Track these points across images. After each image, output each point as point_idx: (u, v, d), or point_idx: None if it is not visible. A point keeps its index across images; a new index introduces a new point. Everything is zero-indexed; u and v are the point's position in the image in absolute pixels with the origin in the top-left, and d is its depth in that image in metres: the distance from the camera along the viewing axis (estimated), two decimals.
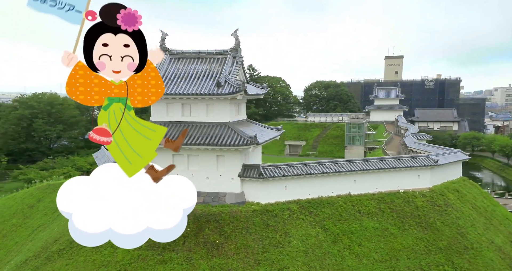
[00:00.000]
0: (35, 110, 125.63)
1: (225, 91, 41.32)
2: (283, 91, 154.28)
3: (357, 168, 46.01)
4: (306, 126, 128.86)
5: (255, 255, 38.50)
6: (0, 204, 62.68)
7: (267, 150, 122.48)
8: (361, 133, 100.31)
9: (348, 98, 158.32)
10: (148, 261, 38.55)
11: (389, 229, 43.81)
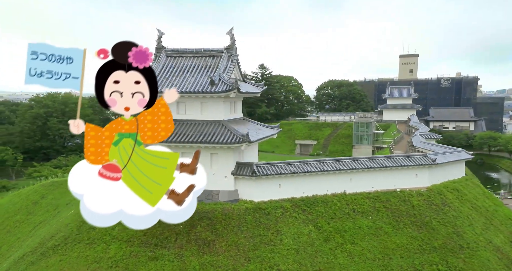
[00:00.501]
0: (50, 109, 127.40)
1: (218, 89, 41.53)
2: (295, 90, 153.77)
3: (352, 166, 45.93)
4: (317, 126, 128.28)
5: (245, 253, 38.69)
6: (7, 200, 63.77)
7: (278, 149, 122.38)
8: (369, 133, 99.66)
9: (361, 98, 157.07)
10: (140, 258, 38.96)
11: (383, 228, 43.67)
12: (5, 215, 58.83)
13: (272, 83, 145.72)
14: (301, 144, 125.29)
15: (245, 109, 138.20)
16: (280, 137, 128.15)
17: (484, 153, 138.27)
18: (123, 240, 40.44)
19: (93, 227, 42.36)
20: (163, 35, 47.01)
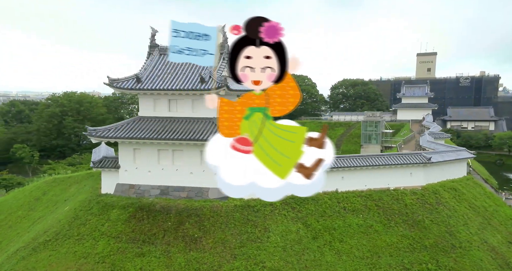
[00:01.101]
0: (66, 108, 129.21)
1: (208, 86, 41.71)
2: (309, 90, 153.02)
3: (344, 164, 45.74)
4: (330, 125, 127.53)
5: (232, 250, 38.82)
6: (11, 196, 64.86)
7: None
8: (378, 132, 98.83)
9: (376, 97, 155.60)
10: (127, 254, 39.35)
11: (373, 226, 43.42)
12: (8, 210, 59.81)
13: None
14: None
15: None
16: None
17: (504, 154, 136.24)
18: (111, 236, 40.89)
19: (84, 223, 43.00)
20: (156, 33, 47.34)
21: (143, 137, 42.12)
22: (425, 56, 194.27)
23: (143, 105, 45.12)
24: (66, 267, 39.06)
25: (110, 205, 43.63)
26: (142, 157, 44.25)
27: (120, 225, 41.69)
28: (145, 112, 45.02)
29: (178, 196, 43.06)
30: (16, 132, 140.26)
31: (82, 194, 49.80)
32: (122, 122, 44.95)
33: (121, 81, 44.11)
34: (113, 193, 45.26)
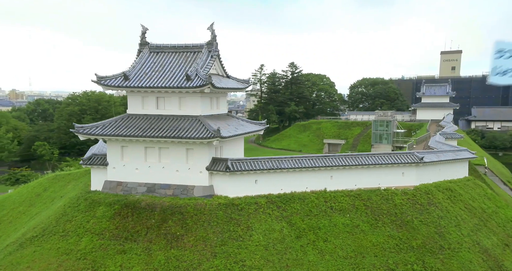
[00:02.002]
0: (84, 107, 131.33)
1: (193, 84, 41.72)
2: (327, 89, 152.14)
3: (333, 163, 45.27)
4: (347, 125, 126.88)
5: (212, 248, 38.72)
6: (15, 192, 66.07)
7: (305, 148, 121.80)
8: (389, 132, 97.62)
9: (396, 96, 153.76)
10: (109, 251, 39.57)
11: (360, 226, 42.87)
12: (11, 206, 60.88)
13: (301, 82, 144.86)
14: (330, 143, 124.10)
15: (275, 108, 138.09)
16: (308, 136, 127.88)
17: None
18: (95, 233, 41.19)
19: (70, 220, 43.43)
20: (147, 31, 47.59)
21: (128, 134, 42.34)
22: (449, 54, 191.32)
23: (132, 103, 45.38)
24: (48, 263, 39.47)
25: (97, 202, 43.96)
26: (130, 154, 44.49)
27: (104, 222, 41.97)
28: (133, 110, 45.28)
29: (164, 193, 43.17)
30: (39, 130, 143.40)
31: (75, 190, 50.38)
32: (110, 120, 45.28)
33: (108, 79, 44.44)
34: (101, 190, 45.59)
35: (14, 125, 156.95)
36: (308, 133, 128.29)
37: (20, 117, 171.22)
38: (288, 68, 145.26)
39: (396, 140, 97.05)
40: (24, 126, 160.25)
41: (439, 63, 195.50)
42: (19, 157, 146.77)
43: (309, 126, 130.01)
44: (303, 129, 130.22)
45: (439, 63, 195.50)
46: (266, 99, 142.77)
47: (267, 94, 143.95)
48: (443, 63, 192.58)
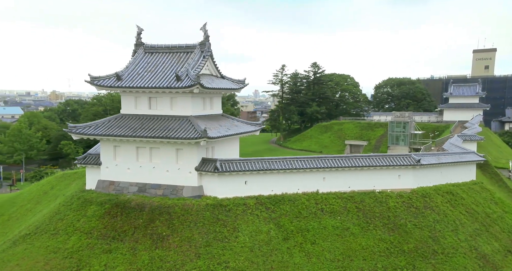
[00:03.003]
0: (108, 107, 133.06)
1: (182, 84, 41.66)
2: (350, 89, 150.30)
3: (326, 165, 44.63)
4: (369, 126, 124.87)
5: (197, 248, 38.59)
6: (27, 190, 67.28)
7: (326, 150, 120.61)
8: (406, 133, 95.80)
9: (423, 97, 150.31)
10: (95, 250, 39.81)
11: (350, 229, 42.16)
12: (21, 203, 61.92)
13: (324, 82, 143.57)
14: (352, 144, 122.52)
15: (296, 108, 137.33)
16: (329, 137, 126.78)
17: None
18: (84, 232, 41.50)
19: (62, 218, 43.88)
20: (142, 31, 47.81)
21: (119, 134, 42.55)
22: (482, 53, 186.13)
23: (125, 103, 45.61)
24: (35, 261, 39.93)
25: (89, 201, 44.31)
26: (122, 154, 44.72)
27: (94, 221, 42.25)
28: (126, 110, 45.52)
29: (155, 193, 43.25)
30: None
31: (74, 189, 50.90)
32: (104, 120, 45.62)
33: (102, 79, 44.76)
34: (94, 189, 45.96)
35: (44, 124, 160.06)
36: (330, 134, 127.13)
37: (51, 117, 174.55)
38: (310, 69, 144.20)
39: (413, 142, 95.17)
40: (53, 126, 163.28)
41: (472, 62, 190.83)
42: (47, 155, 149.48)
43: (331, 127, 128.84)
44: (324, 130, 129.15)
45: (472, 62, 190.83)
46: (287, 99, 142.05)
47: (289, 95, 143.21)
48: (475, 62, 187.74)
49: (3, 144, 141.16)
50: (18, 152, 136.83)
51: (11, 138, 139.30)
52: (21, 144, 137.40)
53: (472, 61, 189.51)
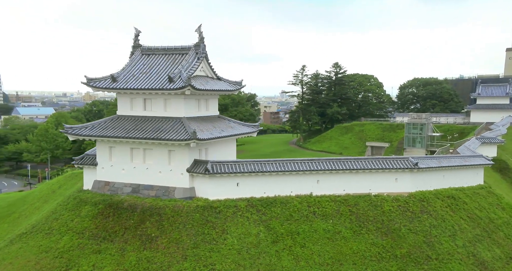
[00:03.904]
0: None
1: (174, 86, 41.73)
2: (373, 90, 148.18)
3: (319, 167, 44.13)
4: (391, 127, 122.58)
5: (184, 250, 38.59)
6: (38, 189, 68.53)
7: (346, 151, 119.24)
8: (423, 135, 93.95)
9: (450, 97, 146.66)
10: (85, 250, 40.17)
11: (342, 232, 41.58)
12: (31, 201, 63.00)
13: (345, 83, 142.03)
14: (373, 146, 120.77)
15: (316, 109, 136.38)
16: (350, 138, 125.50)
17: None
18: (76, 232, 41.92)
19: (57, 218, 44.43)
20: (140, 33, 48.09)
21: (113, 135, 42.88)
22: None
23: (121, 104, 45.95)
24: (27, 260, 40.53)
25: (84, 201, 44.75)
26: (117, 155, 45.03)
27: (87, 221, 42.64)
28: (122, 111, 45.84)
29: (148, 194, 43.43)
30: None
31: (74, 189, 51.46)
32: (100, 121, 46.03)
33: (98, 80, 45.18)
34: (90, 190, 46.41)
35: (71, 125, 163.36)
36: (350, 135, 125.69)
37: (77, 117, 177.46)
38: (332, 69, 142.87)
39: (431, 144, 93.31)
40: None
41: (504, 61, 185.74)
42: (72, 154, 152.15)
43: (352, 128, 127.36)
44: (345, 132, 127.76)
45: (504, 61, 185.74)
46: (308, 100, 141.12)
47: (310, 96, 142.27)
48: (508, 61, 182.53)
49: (31, 143, 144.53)
50: (45, 151, 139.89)
51: (39, 137, 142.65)
52: (48, 143, 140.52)
53: (505, 60, 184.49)
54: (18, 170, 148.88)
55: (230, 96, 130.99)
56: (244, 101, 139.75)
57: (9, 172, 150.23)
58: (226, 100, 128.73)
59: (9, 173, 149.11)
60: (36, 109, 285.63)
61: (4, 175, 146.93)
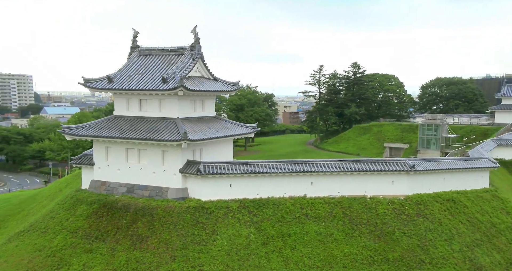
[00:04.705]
0: None
1: (167, 87, 41.85)
2: (394, 90, 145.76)
3: (314, 169, 43.76)
4: (411, 128, 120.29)
5: (173, 251, 38.69)
6: (48, 187, 69.50)
7: (364, 152, 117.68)
8: (437, 137, 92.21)
9: (474, 97, 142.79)
10: (77, 249, 40.56)
11: (333, 235, 41.17)
12: (40, 199, 63.86)
13: (364, 83, 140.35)
14: (391, 147, 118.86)
15: (334, 109, 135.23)
16: (368, 139, 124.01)
17: None
18: (70, 231, 42.35)
19: (53, 217, 44.94)
20: (138, 34, 48.36)
21: (107, 135, 43.23)
22: None
23: (118, 104, 46.29)
24: (21, 258, 41.10)
25: (80, 200, 45.20)
26: (113, 155, 45.34)
27: (81, 220, 43.04)
28: (119, 112, 46.16)
29: (142, 194, 43.64)
30: None
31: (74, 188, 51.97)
32: (97, 121, 46.43)
33: (94, 81, 45.57)
34: (88, 189, 46.84)
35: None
36: (368, 136, 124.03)
37: (98, 117, 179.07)
38: (350, 69, 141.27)
39: (445, 146, 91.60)
40: None
41: None
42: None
43: (370, 129, 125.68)
44: (363, 132, 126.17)
45: None
46: (326, 100, 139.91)
47: (327, 96, 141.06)
48: None
49: (53, 141, 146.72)
50: (66, 150, 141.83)
51: (60, 136, 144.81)
52: (68, 142, 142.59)
53: None
54: (41, 168, 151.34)
55: (246, 97, 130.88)
56: (261, 102, 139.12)
57: (33, 169, 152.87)
58: (242, 101, 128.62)
59: (33, 170, 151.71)
60: (62, 109, 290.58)
61: (28, 172, 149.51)
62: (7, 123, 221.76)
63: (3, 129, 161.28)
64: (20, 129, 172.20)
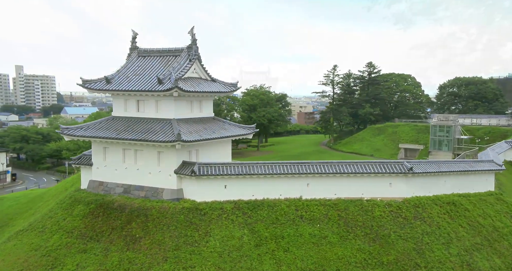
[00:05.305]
0: None
1: (162, 88, 41.92)
2: (410, 90, 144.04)
3: (310, 171, 43.43)
4: (427, 129, 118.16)
5: (165, 252, 38.74)
6: (55, 186, 70.18)
7: (378, 153, 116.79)
8: (450, 138, 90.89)
9: (495, 97, 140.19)
10: (72, 249, 40.85)
11: (328, 237, 40.79)
12: (46, 199, 64.48)
13: (379, 83, 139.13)
14: (406, 148, 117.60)
15: (348, 110, 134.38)
16: (382, 139, 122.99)
17: None
18: (66, 231, 42.66)
19: (51, 217, 45.33)
20: (137, 35, 48.51)
21: (104, 136, 43.50)
22: None
23: (116, 105, 46.49)
24: (17, 258, 41.51)
25: (78, 200, 45.52)
26: (110, 156, 45.59)
27: (77, 220, 43.34)
28: (117, 113, 46.37)
29: (138, 195, 43.80)
30: None
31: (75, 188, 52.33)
32: (96, 121, 46.67)
33: (93, 82, 45.84)
34: (86, 189, 47.15)
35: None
36: (383, 137, 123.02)
37: None
38: (365, 68, 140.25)
39: (458, 147, 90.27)
40: None
41: None
42: None
43: (384, 130, 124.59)
44: (377, 133, 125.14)
45: None
46: (340, 101, 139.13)
47: (341, 96, 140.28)
48: None
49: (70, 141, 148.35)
50: (81, 149, 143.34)
51: None
52: (84, 142, 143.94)
53: None
54: (58, 167, 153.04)
55: (258, 97, 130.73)
56: (273, 102, 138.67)
57: (50, 168, 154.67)
58: (254, 101, 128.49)
59: (50, 169, 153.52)
60: (82, 109, 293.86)
61: (45, 171, 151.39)
62: (28, 123, 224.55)
63: (23, 129, 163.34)
64: (39, 129, 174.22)
